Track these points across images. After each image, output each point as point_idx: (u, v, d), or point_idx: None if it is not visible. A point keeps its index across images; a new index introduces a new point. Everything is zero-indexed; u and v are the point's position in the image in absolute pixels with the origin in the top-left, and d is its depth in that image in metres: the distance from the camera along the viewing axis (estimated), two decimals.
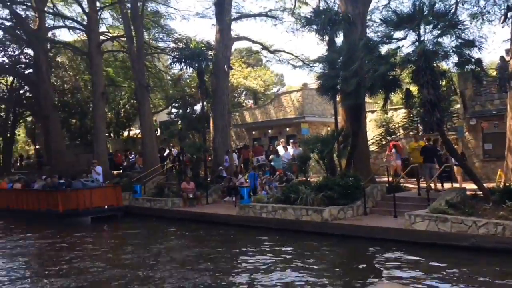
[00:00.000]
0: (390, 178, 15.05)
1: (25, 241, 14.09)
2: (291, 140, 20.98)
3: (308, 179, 15.21)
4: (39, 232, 15.46)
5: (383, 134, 23.42)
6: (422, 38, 12.45)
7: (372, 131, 23.52)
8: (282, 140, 22.37)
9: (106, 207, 17.69)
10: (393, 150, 17.98)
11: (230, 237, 13.28)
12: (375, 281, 8.08)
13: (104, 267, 9.95)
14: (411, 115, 22.09)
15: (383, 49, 15.35)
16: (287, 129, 25.27)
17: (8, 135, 39.82)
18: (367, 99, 17.80)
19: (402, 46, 15.04)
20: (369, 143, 20.46)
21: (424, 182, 13.85)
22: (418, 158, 14.79)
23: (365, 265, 9.32)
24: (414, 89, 15.65)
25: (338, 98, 16.62)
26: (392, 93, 15.46)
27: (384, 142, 22.67)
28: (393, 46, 15.23)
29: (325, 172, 15.16)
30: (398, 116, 23.71)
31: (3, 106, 39.14)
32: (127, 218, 17.78)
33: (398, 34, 14.52)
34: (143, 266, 9.89)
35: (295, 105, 25.61)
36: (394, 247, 10.18)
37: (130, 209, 18.82)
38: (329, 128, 22.31)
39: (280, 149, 20.00)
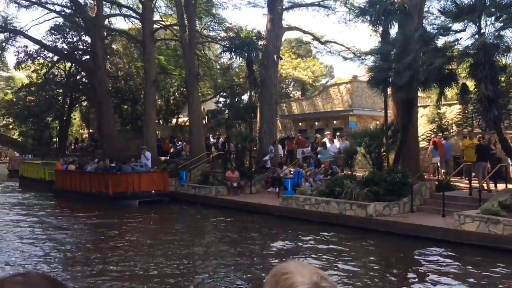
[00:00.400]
0: (440, 176, 14.47)
1: (76, 220, 14.74)
2: (338, 133, 20.62)
3: (354, 173, 14.91)
4: (89, 212, 16.13)
5: (434, 130, 22.53)
6: (482, 31, 11.82)
7: (423, 127, 22.68)
8: (328, 132, 22.02)
9: (153, 191, 18.15)
10: (431, 147, 17.31)
11: (272, 227, 13.26)
12: (415, 280, 7.81)
13: (147, 250, 10.22)
14: (466, 112, 21.13)
15: (440, 42, 14.80)
16: (334, 121, 24.85)
17: (65, 118, 41.71)
18: (420, 94, 17.19)
19: (461, 38, 14.41)
20: (420, 139, 19.75)
21: (476, 181, 13.23)
22: (471, 156, 14.13)
23: (408, 264, 9.04)
24: (470, 84, 14.95)
25: (389, 91, 16.14)
26: (447, 87, 14.87)
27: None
28: (450, 38, 14.65)
29: (371, 167, 14.80)
30: (452, 112, 22.72)
31: (60, 90, 40.97)
32: (172, 204, 18.18)
33: (456, 26, 13.91)
34: (185, 250, 10.07)
35: (344, 98, 25.12)
36: (440, 248, 9.80)
37: (175, 195, 19.21)
38: (378, 122, 21.72)
39: (326, 141, 19.72)
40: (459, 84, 14.08)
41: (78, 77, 39.82)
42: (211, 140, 26.47)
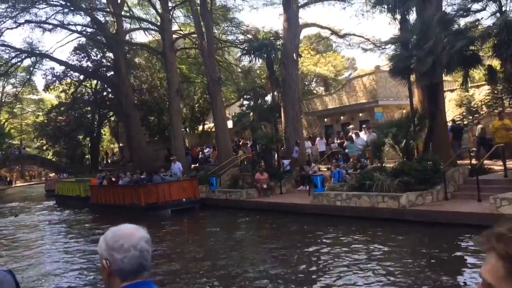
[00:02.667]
0: (473, 160, 14.10)
1: None
2: (364, 126, 20.40)
3: (383, 165, 14.70)
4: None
5: (464, 113, 21.99)
6: (503, 9, 11.48)
7: (452, 111, 22.17)
8: (351, 126, 21.83)
9: (184, 199, 18.38)
10: None
11: (305, 225, 13.22)
12: (455, 267, 7.64)
13: (188, 255, 10.37)
14: (496, 92, 20.51)
15: (461, 23, 14.46)
16: (360, 114, 24.59)
17: (95, 135, 42.78)
18: (446, 78, 16.83)
19: (481, 18, 14.05)
20: (449, 124, 19.33)
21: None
22: (503, 137, 13.70)
23: (447, 253, 8.85)
24: (496, 63, 14.56)
25: (412, 78, 15.86)
26: (473, 69, 14.51)
27: (465, 122, 21.30)
28: (471, 19, 14.32)
29: (401, 157, 14.57)
30: (481, 93, 22.12)
31: (89, 108, 42.06)
32: (204, 210, 18.37)
33: (476, 6, 13.58)
34: (222, 254, 10.18)
35: (368, 89, 24.82)
36: (478, 233, 9.55)
37: (207, 201, 19.40)
38: (404, 111, 21.38)
39: (353, 135, 19.53)
40: (484, 65, 13.71)
41: (104, 94, 40.82)
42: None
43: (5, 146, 49.74)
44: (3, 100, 58.08)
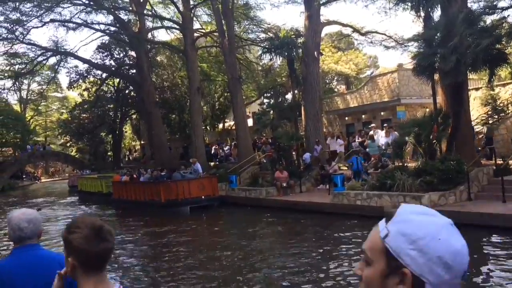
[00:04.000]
0: (499, 161, 13.78)
1: (131, 227, 15.28)
2: (385, 125, 20.15)
3: (405, 165, 14.49)
4: (143, 220, 16.71)
5: (489, 112, 21.52)
6: None
7: (477, 110, 21.73)
8: (373, 125, 21.57)
9: (203, 197, 18.47)
10: None
11: (324, 224, 13.13)
12: (476, 269, 7.47)
13: (206, 252, 10.42)
14: None
15: (487, 21, 14.14)
16: (382, 113, 24.27)
17: (117, 132, 43.37)
18: (471, 76, 16.49)
19: (508, 16, 13.72)
20: (474, 123, 18.95)
21: None
22: None
23: (475, 255, 8.65)
24: None
25: (436, 77, 15.59)
26: (498, 68, 14.18)
27: (491, 122, 20.85)
28: (497, 17, 14.00)
29: (423, 156, 14.33)
30: (507, 92, 21.61)
31: (111, 106, 42.65)
32: (224, 208, 18.42)
33: (502, 3, 13.27)
34: (241, 252, 10.19)
35: (390, 87, 24.47)
36: (503, 235, 9.33)
37: (226, 199, 19.45)
38: (427, 110, 21.03)
39: (374, 134, 19.33)
40: (510, 63, 13.38)
41: (126, 92, 41.32)
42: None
43: (31, 143, 50.91)
44: (28, 97, 59.41)
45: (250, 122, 33.30)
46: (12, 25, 31.31)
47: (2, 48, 34.21)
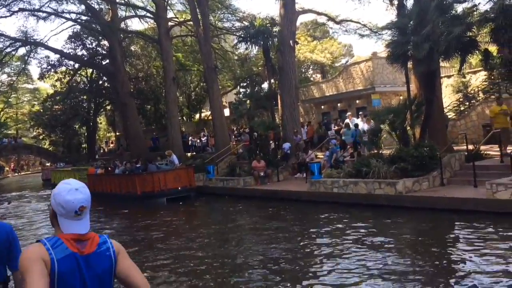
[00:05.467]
0: (470, 146, 14.09)
1: (114, 221, 15.11)
2: (360, 113, 20.36)
3: (380, 152, 14.69)
4: (120, 212, 16.54)
5: (461, 99, 21.98)
6: None
7: (449, 97, 22.17)
8: (349, 113, 21.78)
9: (179, 188, 18.36)
10: None
11: (302, 213, 13.24)
12: (450, 253, 7.67)
13: (184, 243, 10.38)
14: (492, 77, 20.49)
15: (458, 9, 14.35)
16: (357, 101, 24.51)
17: (91, 124, 42.62)
18: (443, 64, 16.77)
19: (479, 3, 13.96)
20: (446, 110, 19.33)
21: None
22: (502, 122, 13.69)
23: (442, 238, 8.87)
24: (493, 49, 14.49)
25: (410, 65, 15.80)
26: (470, 55, 14.45)
27: (462, 108, 21.31)
28: (468, 5, 14.22)
29: (397, 143, 14.56)
30: (478, 79, 22.09)
31: (85, 97, 41.81)
32: (201, 198, 18.37)
33: None
34: (220, 242, 10.19)
35: (365, 76, 24.71)
36: (476, 219, 9.58)
37: (204, 189, 19.40)
38: (401, 98, 21.34)
39: (349, 122, 19.49)
40: (481, 51, 13.64)
41: (100, 82, 40.58)
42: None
43: (1, 136, 49.58)
44: None
45: (226, 112, 33.20)
46: None
47: None
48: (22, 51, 35.80)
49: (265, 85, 30.37)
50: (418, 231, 9.80)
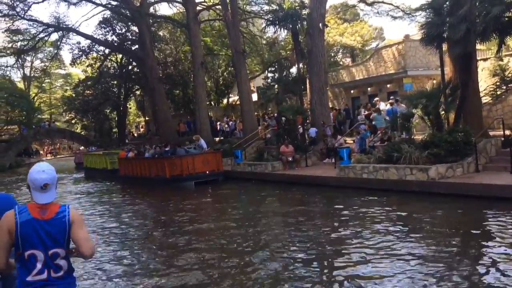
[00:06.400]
0: (507, 131, 13.54)
1: (143, 203, 15.34)
2: (391, 97, 19.87)
3: (412, 137, 14.31)
4: (150, 194, 16.77)
5: (498, 83, 21.14)
6: None
7: (485, 81, 21.35)
8: (377, 98, 21.29)
9: (207, 172, 18.47)
10: None
11: (330, 198, 13.08)
12: (493, 245, 7.39)
13: (211, 226, 10.41)
14: None
15: None
16: (388, 85, 23.94)
17: (121, 108, 43.22)
18: (479, 46, 16.11)
19: None
20: (482, 94, 18.62)
21: None
22: None
23: (476, 226, 8.57)
24: None
25: (444, 47, 15.25)
26: (508, 37, 13.84)
27: (498, 93, 20.50)
28: None
29: (430, 128, 14.13)
30: None
31: (115, 82, 42.36)
32: (228, 182, 18.41)
33: None
34: (247, 225, 10.17)
35: (397, 59, 24.04)
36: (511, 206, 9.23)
37: (232, 173, 19.44)
38: (434, 81, 20.70)
39: (380, 107, 19.07)
40: None
41: (130, 67, 40.96)
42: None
43: (36, 121, 50.89)
44: (32, 75, 59.12)
45: (254, 96, 33.05)
46: (12, 1, 30.89)
47: (3, 25, 33.86)
48: (54, 36, 36.47)
49: (293, 70, 30.04)
50: (451, 218, 9.51)
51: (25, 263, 2.79)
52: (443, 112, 14.30)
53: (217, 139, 27.23)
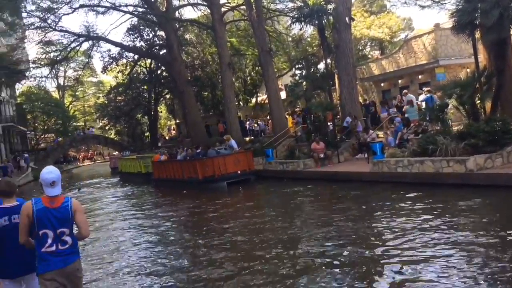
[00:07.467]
0: None
1: (174, 205, 15.52)
2: (423, 88, 19.38)
3: (448, 128, 13.91)
4: (183, 197, 16.96)
5: None
6: None
7: None
8: (405, 91, 20.81)
9: (239, 172, 18.52)
10: None
11: (365, 193, 12.86)
12: None
13: (247, 224, 10.42)
14: None
15: None
16: (419, 76, 23.36)
17: (152, 113, 43.94)
18: None
19: None
20: None
21: None
22: None
23: None
24: None
25: (477, 34, 14.76)
26: None
27: None
28: None
29: (466, 118, 13.71)
30: None
31: (145, 87, 43.12)
32: (261, 181, 18.40)
33: None
34: (284, 222, 10.13)
35: (427, 49, 23.44)
36: None
37: (263, 172, 19.42)
38: (468, 70, 20.07)
39: (413, 99, 18.63)
40: None
41: (159, 72, 41.60)
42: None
43: (71, 128, 52.37)
44: (65, 84, 60.83)
45: (283, 94, 32.94)
46: (43, 14, 31.85)
47: (36, 37, 34.98)
48: (85, 46, 37.43)
49: (321, 65, 29.73)
50: (491, 210, 9.19)
51: (40, 239, 3.85)
52: (478, 101, 13.84)
53: (247, 138, 27.27)
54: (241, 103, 40.02)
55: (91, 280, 7.53)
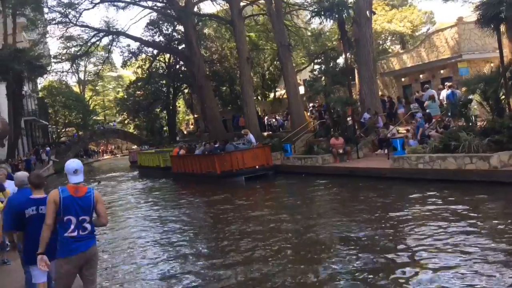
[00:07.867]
0: None
1: (191, 198, 15.58)
2: (446, 83, 19.00)
3: (471, 124, 13.60)
4: (201, 191, 17.02)
5: None
6: None
7: None
8: (426, 86, 20.42)
9: (257, 167, 18.47)
10: None
11: (385, 190, 12.68)
12: None
13: (266, 218, 10.37)
14: None
15: None
16: (441, 71, 22.92)
17: (171, 107, 44.20)
18: None
19: None
20: None
21: None
22: None
23: None
24: None
25: (502, 28, 14.38)
26: None
27: None
28: None
29: (490, 114, 13.38)
30: None
31: (164, 82, 43.38)
32: (279, 177, 18.32)
33: None
34: (303, 218, 10.06)
35: (450, 44, 22.97)
36: None
37: (282, 167, 19.33)
38: (492, 64, 19.59)
39: (435, 94, 18.28)
40: None
41: (177, 67, 41.81)
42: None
43: (91, 122, 53.07)
44: (86, 79, 61.61)
45: (301, 89, 32.73)
46: (65, 9, 32.25)
47: (58, 32, 35.52)
48: (105, 41, 37.81)
49: (340, 60, 29.41)
50: None
51: (63, 224, 4.19)
52: (503, 96, 13.50)
53: (265, 133, 27.19)
54: (259, 98, 39.91)
55: (110, 267, 7.62)
